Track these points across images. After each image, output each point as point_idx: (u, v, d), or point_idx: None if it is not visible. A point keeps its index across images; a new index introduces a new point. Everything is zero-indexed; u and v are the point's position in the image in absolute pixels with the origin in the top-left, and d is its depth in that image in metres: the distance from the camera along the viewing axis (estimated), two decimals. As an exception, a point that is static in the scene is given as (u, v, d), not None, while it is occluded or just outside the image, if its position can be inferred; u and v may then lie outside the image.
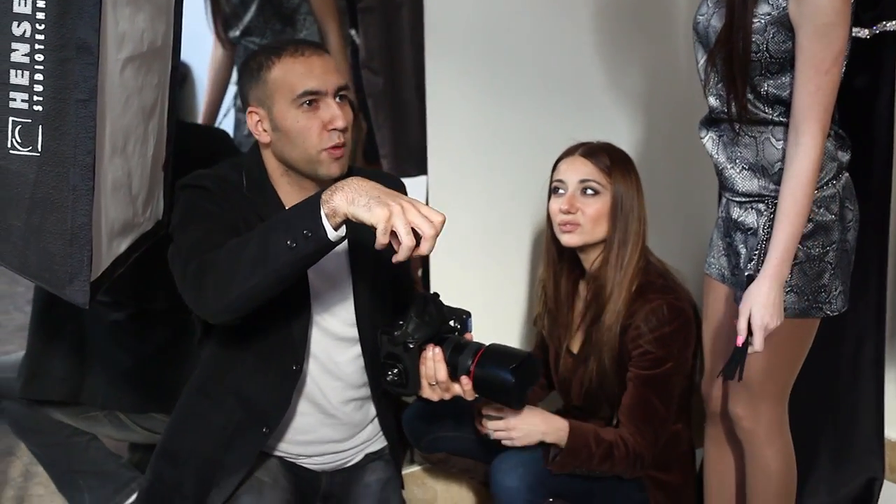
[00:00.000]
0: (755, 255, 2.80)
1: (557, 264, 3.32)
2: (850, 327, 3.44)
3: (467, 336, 2.66)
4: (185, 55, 2.85)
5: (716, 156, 2.92)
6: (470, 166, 3.65)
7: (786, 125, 2.74)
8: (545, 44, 3.66)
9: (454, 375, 2.56)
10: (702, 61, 2.88)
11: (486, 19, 3.58)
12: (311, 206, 2.34)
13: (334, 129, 2.63)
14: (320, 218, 2.32)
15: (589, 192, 3.16)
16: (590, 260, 3.22)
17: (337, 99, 2.66)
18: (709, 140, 2.93)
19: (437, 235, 2.27)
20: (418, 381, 2.59)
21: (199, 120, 4.30)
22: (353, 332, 2.77)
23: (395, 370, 2.59)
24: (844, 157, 2.85)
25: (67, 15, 2.02)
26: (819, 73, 2.63)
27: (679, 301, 3.12)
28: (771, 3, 2.67)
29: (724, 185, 2.94)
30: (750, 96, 2.77)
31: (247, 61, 2.69)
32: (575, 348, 3.27)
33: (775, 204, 2.75)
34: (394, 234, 2.26)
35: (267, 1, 4.13)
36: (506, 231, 3.74)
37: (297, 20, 4.17)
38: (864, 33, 3.29)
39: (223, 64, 4.33)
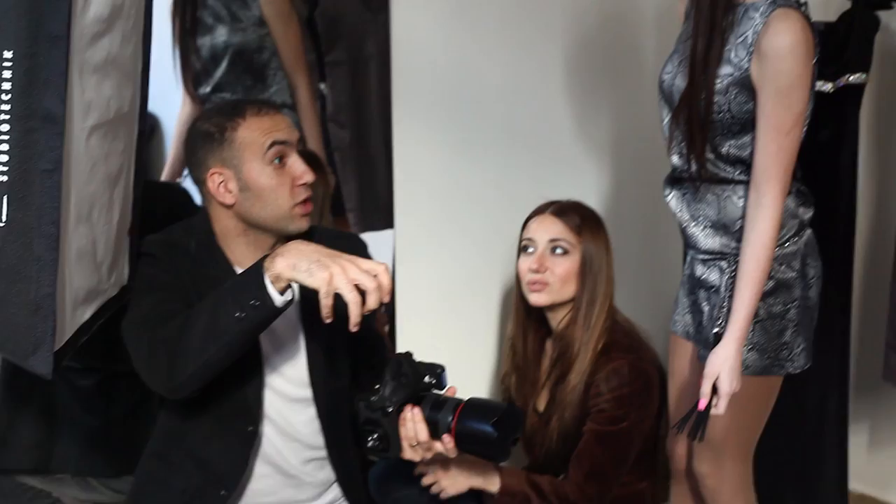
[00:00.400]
0: (722, 313, 2.81)
1: (525, 322, 3.34)
2: (815, 382, 3.45)
3: (444, 391, 2.66)
4: (153, 106, 2.85)
5: (680, 213, 2.94)
6: (437, 220, 3.66)
7: (747, 183, 2.75)
8: (513, 97, 3.68)
9: (435, 434, 2.52)
10: (666, 119, 2.90)
11: (454, 73, 3.59)
12: (255, 275, 2.36)
13: (303, 185, 2.65)
14: (265, 286, 2.34)
15: (558, 251, 3.18)
16: (557, 319, 3.24)
17: (299, 155, 2.68)
18: (673, 198, 2.95)
19: (383, 287, 2.30)
20: (399, 444, 2.56)
21: (164, 174, 4.30)
22: (308, 392, 2.76)
23: (376, 435, 2.56)
24: (806, 213, 2.87)
25: (33, 85, 2.02)
26: (780, 135, 2.65)
27: (641, 361, 3.13)
28: (733, 64, 2.69)
29: (688, 243, 2.96)
30: (711, 156, 2.79)
31: (200, 128, 2.68)
32: (541, 406, 3.28)
33: (737, 261, 2.76)
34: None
35: (237, 57, 4.14)
36: (473, 287, 3.74)
37: (268, 75, 4.19)
38: (827, 87, 3.33)
39: (192, 119, 4.34)
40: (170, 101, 4.43)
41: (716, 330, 2.79)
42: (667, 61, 2.93)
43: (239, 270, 2.64)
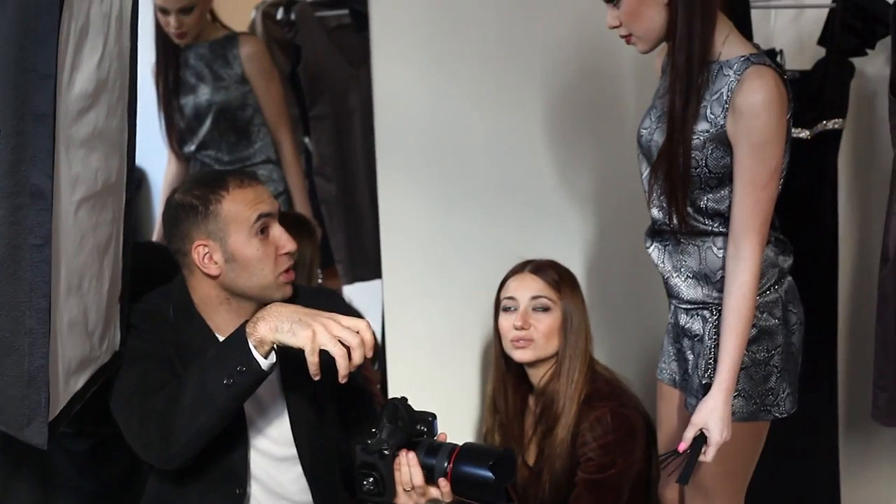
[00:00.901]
0: (710, 363, 2.83)
1: (506, 379, 3.37)
2: (804, 423, 3.46)
3: (437, 437, 2.67)
4: (140, 160, 2.87)
5: (661, 265, 2.97)
6: (424, 271, 3.68)
7: (726, 235, 2.79)
8: (495, 148, 3.70)
9: (431, 479, 2.54)
10: (645, 173, 2.93)
11: (437, 125, 3.62)
12: (239, 341, 2.41)
13: (286, 254, 2.69)
14: (250, 351, 2.39)
15: (540, 308, 3.22)
16: (539, 375, 3.27)
17: (279, 225, 2.72)
18: (654, 250, 2.98)
19: (367, 343, 2.36)
20: (393, 488, 2.56)
21: (154, 233, 4.33)
22: (292, 451, 2.77)
23: (371, 479, 2.57)
24: (786, 262, 2.90)
25: (21, 162, 2.04)
26: (756, 189, 2.69)
27: (624, 408, 3.17)
28: (709, 121, 2.73)
29: (671, 293, 2.99)
30: (689, 209, 2.82)
31: (182, 200, 2.70)
32: (530, 460, 3.31)
33: (719, 311, 2.79)
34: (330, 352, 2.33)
35: (221, 115, 4.18)
36: (460, 336, 3.75)
37: (252, 132, 4.23)
38: (805, 134, 3.36)
39: (178, 177, 4.37)
40: (156, 154, 4.46)
41: (704, 381, 2.82)
42: (644, 116, 2.96)
43: (220, 337, 2.69)
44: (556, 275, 3.27)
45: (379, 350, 3.72)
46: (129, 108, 2.60)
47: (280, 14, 4.45)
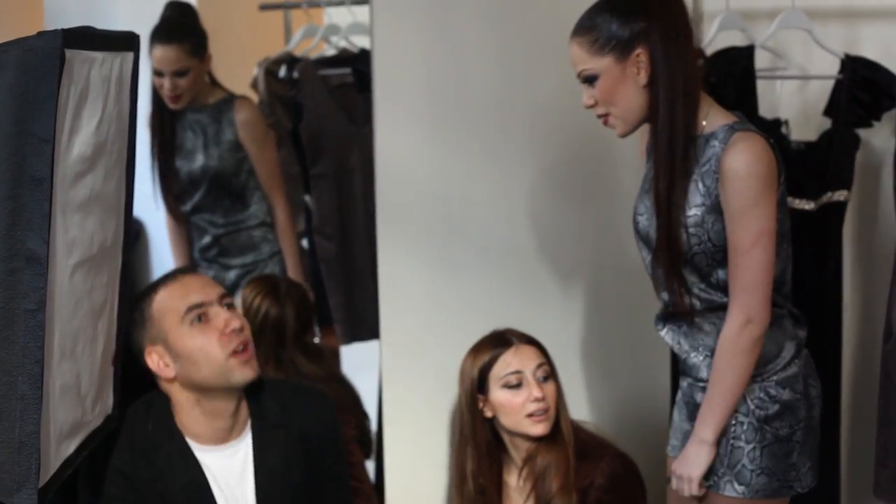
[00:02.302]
0: (732, 443, 2.82)
1: (489, 458, 3.29)
2: (806, 499, 3.44)
3: None
4: (138, 211, 2.86)
5: (677, 346, 2.93)
6: (423, 333, 3.66)
7: None
8: (496, 215, 3.68)
9: None
10: (648, 259, 2.90)
11: (440, 186, 3.61)
12: None
13: (232, 331, 2.67)
14: None
15: (543, 377, 3.18)
16: (525, 446, 3.21)
17: (224, 307, 2.71)
18: (667, 332, 2.94)
19: None
20: None
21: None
22: None
23: None
24: (802, 333, 2.89)
25: (17, 226, 2.03)
26: (738, 254, 2.69)
27: (616, 447, 3.19)
28: (703, 193, 2.72)
29: (688, 372, 2.95)
30: (702, 286, 2.80)
31: (130, 319, 2.71)
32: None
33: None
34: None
35: (215, 181, 4.19)
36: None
37: (247, 195, 4.24)
38: (810, 205, 3.34)
39: (178, 232, 4.36)
40: (154, 208, 4.46)
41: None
42: (637, 201, 2.94)
43: (198, 447, 2.74)
44: (538, 342, 3.24)
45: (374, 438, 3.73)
46: (128, 170, 2.59)
47: (283, 72, 4.47)
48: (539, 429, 3.16)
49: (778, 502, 2.91)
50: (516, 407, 3.18)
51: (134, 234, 4.08)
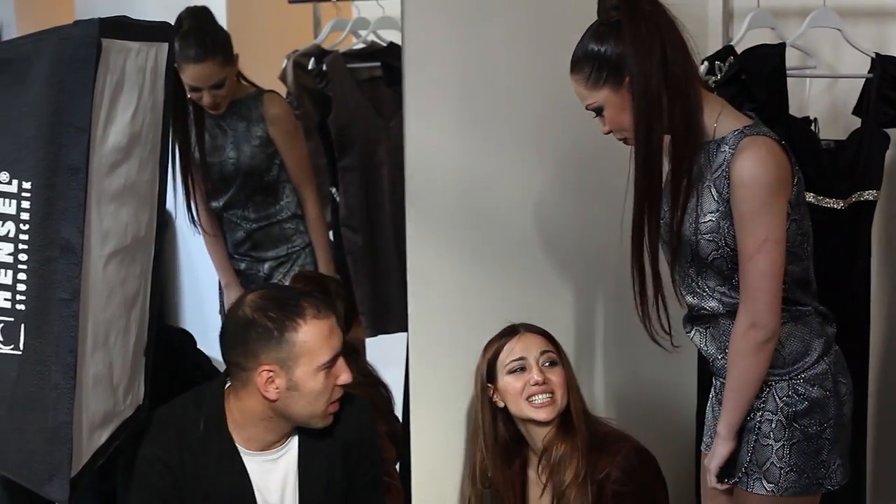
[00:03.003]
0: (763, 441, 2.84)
1: (504, 453, 3.29)
2: (832, 496, 3.44)
3: None
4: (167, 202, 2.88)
5: (705, 348, 2.92)
6: (451, 326, 3.64)
7: None
8: (528, 205, 3.67)
9: None
10: (670, 263, 2.90)
11: (469, 179, 3.59)
12: None
13: (341, 386, 2.75)
14: None
15: (549, 363, 3.18)
16: (541, 434, 3.20)
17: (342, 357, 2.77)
18: (695, 334, 2.94)
19: None
20: None
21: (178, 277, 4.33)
22: None
23: None
24: (831, 330, 2.87)
25: (52, 216, 2.04)
26: (743, 259, 2.68)
27: (636, 441, 3.18)
28: (716, 199, 2.71)
29: (718, 374, 2.94)
30: (724, 289, 2.79)
31: (256, 320, 2.69)
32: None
33: (769, 385, 2.79)
34: None
35: (247, 179, 4.17)
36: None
37: (279, 190, 4.23)
38: (839, 205, 3.33)
39: (212, 225, 4.35)
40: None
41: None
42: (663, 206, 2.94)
43: (245, 451, 2.75)
44: (546, 332, 3.25)
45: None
46: (161, 161, 2.60)
47: (311, 64, 4.45)
48: (541, 414, 3.16)
49: (808, 500, 2.89)
50: (516, 391, 3.19)
51: (163, 224, 4.07)
